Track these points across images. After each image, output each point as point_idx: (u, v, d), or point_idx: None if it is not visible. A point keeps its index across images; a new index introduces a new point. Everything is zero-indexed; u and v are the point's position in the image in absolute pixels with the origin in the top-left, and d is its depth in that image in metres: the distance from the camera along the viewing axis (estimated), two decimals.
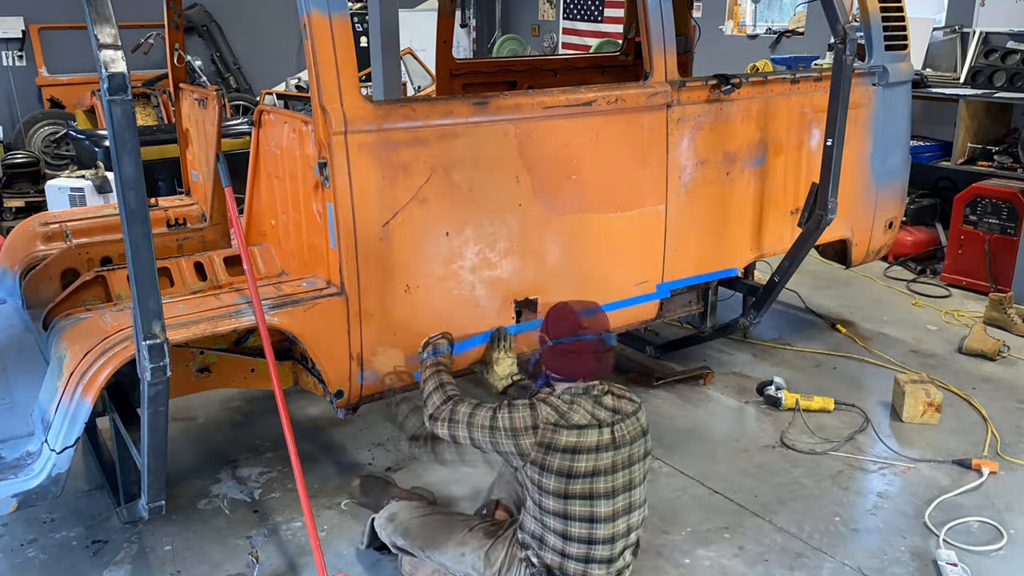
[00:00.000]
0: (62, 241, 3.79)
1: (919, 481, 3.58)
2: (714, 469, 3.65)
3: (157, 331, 2.36)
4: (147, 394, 2.45)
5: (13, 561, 3.07)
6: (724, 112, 3.88)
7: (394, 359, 3.18)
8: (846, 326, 5.16)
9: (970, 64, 6.65)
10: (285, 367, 3.29)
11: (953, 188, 6.27)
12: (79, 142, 7.27)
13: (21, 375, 3.11)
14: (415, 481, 3.55)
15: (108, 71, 2.12)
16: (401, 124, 3.01)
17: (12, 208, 7.24)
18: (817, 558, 3.11)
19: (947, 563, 2.99)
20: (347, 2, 2.88)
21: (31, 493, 2.59)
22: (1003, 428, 3.99)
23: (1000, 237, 5.60)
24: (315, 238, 3.19)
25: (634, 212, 3.69)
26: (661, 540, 3.20)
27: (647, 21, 3.58)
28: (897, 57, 4.54)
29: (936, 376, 4.40)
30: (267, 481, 3.56)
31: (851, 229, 4.63)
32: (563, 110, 3.39)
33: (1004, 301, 5.15)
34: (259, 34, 11.21)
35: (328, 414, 4.05)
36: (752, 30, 9.56)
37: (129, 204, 2.24)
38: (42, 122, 9.49)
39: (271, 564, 3.07)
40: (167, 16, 4.10)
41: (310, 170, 3.08)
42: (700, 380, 4.43)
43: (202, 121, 4.07)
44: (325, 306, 3.00)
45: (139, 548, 3.14)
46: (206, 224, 4.13)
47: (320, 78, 2.84)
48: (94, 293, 3.20)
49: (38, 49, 9.93)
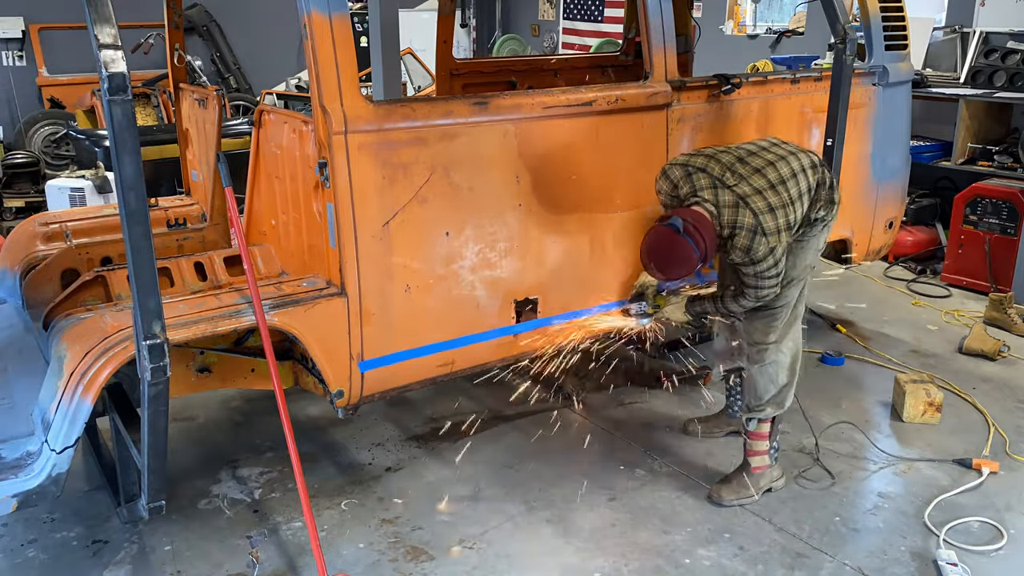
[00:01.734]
0: (62, 241, 3.79)
1: (919, 481, 3.58)
2: (714, 469, 3.64)
3: (157, 331, 2.37)
4: (147, 394, 2.45)
5: (13, 561, 3.07)
6: (724, 112, 3.88)
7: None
8: (846, 326, 5.16)
9: (970, 64, 6.65)
10: (285, 367, 3.28)
11: (953, 188, 6.27)
12: (79, 142, 7.27)
13: (21, 375, 3.11)
14: (415, 481, 3.55)
15: (108, 71, 2.12)
16: (401, 124, 3.01)
17: (12, 208, 7.25)
18: (817, 558, 3.11)
19: (947, 563, 2.99)
20: (347, 2, 2.88)
21: (31, 493, 2.59)
22: (1004, 428, 3.99)
23: (1000, 237, 5.60)
24: (315, 238, 3.19)
25: (634, 212, 3.69)
26: (661, 540, 3.20)
27: (647, 21, 3.58)
28: (897, 57, 4.54)
29: (936, 376, 4.39)
30: (267, 481, 3.56)
31: (851, 229, 4.63)
32: (563, 110, 3.39)
33: (1004, 301, 5.15)
34: (259, 34, 11.21)
35: (328, 414, 4.05)
36: (752, 30, 9.55)
37: (129, 204, 2.24)
38: (42, 122, 9.48)
39: (271, 564, 3.07)
40: (167, 16, 4.10)
41: (310, 170, 3.08)
42: (700, 380, 4.43)
43: (202, 121, 4.07)
44: (325, 306, 3.00)
45: (139, 548, 3.14)
46: (206, 224, 4.13)
47: (320, 78, 2.84)
48: (94, 293, 3.20)
49: (38, 49, 9.92)
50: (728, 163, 3.06)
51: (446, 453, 3.76)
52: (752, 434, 3.41)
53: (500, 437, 3.90)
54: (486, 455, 3.75)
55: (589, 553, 3.13)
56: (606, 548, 3.15)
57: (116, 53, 2.13)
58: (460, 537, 3.21)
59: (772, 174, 3.04)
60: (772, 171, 3.05)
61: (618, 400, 4.26)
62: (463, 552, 3.13)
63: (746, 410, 3.41)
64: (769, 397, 3.35)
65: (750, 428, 3.40)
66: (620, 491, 3.50)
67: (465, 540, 3.20)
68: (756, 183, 3.00)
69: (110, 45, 2.14)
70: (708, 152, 3.13)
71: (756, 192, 2.98)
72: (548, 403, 4.17)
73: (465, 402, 4.16)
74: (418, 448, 3.82)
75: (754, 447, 3.42)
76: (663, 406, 4.22)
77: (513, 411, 4.09)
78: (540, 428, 3.89)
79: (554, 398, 4.18)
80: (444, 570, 3.04)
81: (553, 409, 4.12)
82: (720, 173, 3.03)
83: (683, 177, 3.07)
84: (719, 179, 3.01)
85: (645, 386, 4.38)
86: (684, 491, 3.50)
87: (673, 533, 3.24)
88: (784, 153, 3.14)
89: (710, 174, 3.03)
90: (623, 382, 4.41)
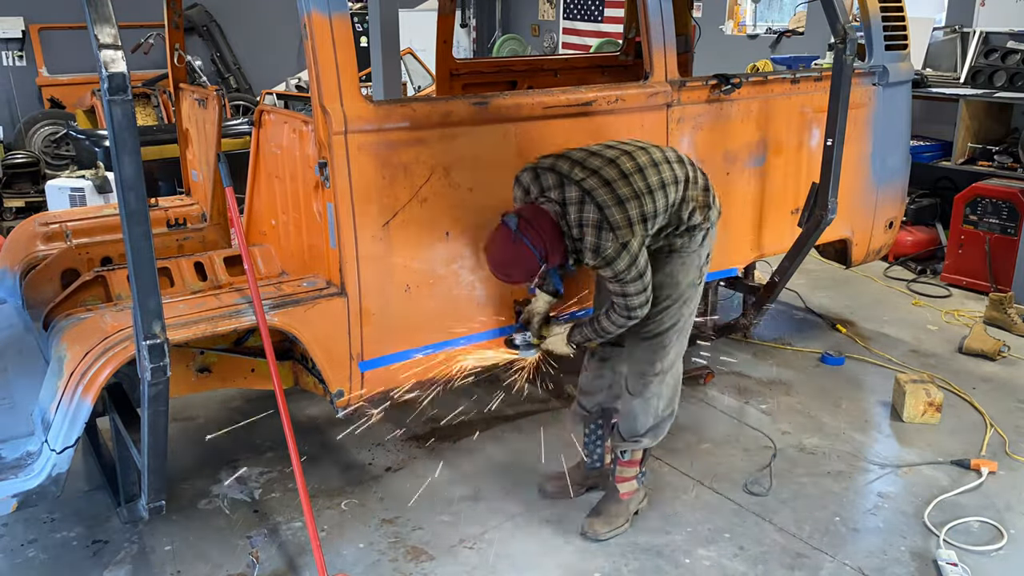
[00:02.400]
0: (62, 241, 3.79)
1: (919, 481, 3.58)
2: (714, 469, 3.65)
3: (157, 331, 2.36)
4: (147, 394, 2.45)
5: (13, 561, 3.07)
6: (724, 112, 3.88)
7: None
8: (846, 326, 5.16)
9: (970, 64, 6.65)
10: (285, 367, 3.28)
11: (953, 188, 6.27)
12: (79, 142, 7.27)
13: (21, 375, 3.11)
14: (415, 481, 3.55)
15: (108, 71, 2.12)
16: (401, 124, 3.01)
17: (12, 208, 7.25)
18: (817, 558, 3.11)
19: (947, 563, 2.99)
20: (347, 2, 2.88)
21: (31, 493, 2.59)
22: (1004, 428, 3.99)
23: (1000, 237, 5.60)
24: (315, 238, 3.19)
25: None
26: (661, 540, 3.20)
27: (647, 21, 3.58)
28: (897, 57, 4.54)
29: (936, 376, 4.39)
30: (267, 481, 3.56)
31: (851, 229, 4.63)
32: (563, 110, 3.39)
33: (1004, 301, 5.15)
34: (259, 34, 11.21)
35: (328, 414, 4.05)
36: (752, 30, 9.56)
37: (129, 204, 2.24)
38: (42, 122, 9.48)
39: (271, 564, 3.07)
40: (167, 16, 4.10)
41: (310, 170, 3.08)
42: (700, 380, 4.43)
43: (202, 121, 4.07)
44: (325, 306, 3.00)
45: (139, 548, 3.14)
46: (206, 224, 4.13)
47: (320, 78, 2.84)
48: (94, 293, 3.19)
49: (38, 49, 9.92)
50: (579, 159, 2.86)
51: (446, 453, 3.76)
52: (624, 462, 3.22)
53: (500, 437, 3.90)
54: (486, 455, 3.75)
55: (589, 553, 3.13)
56: (606, 548, 3.15)
57: (116, 53, 2.13)
58: (460, 537, 3.21)
59: (627, 163, 2.83)
60: (627, 160, 2.84)
61: None
62: (463, 552, 3.13)
63: (619, 439, 3.18)
64: (647, 429, 3.14)
65: (623, 458, 3.21)
66: None
67: (465, 540, 3.20)
68: (607, 174, 2.78)
69: (110, 45, 2.13)
70: (561, 152, 2.94)
71: (604, 184, 2.76)
72: (548, 403, 4.17)
73: (465, 402, 4.16)
74: (418, 448, 3.82)
75: (624, 474, 3.23)
76: None
77: (513, 411, 4.09)
78: (540, 428, 3.89)
79: (554, 398, 4.18)
80: (444, 570, 3.04)
81: (553, 409, 4.13)
82: (568, 170, 2.82)
83: (532, 180, 2.89)
84: (567, 175, 2.81)
85: None
86: (684, 491, 3.50)
87: (673, 533, 3.24)
88: (645, 145, 2.96)
89: (558, 172, 2.83)
90: None
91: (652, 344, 3.06)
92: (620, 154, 2.87)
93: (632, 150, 2.90)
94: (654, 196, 2.81)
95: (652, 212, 2.80)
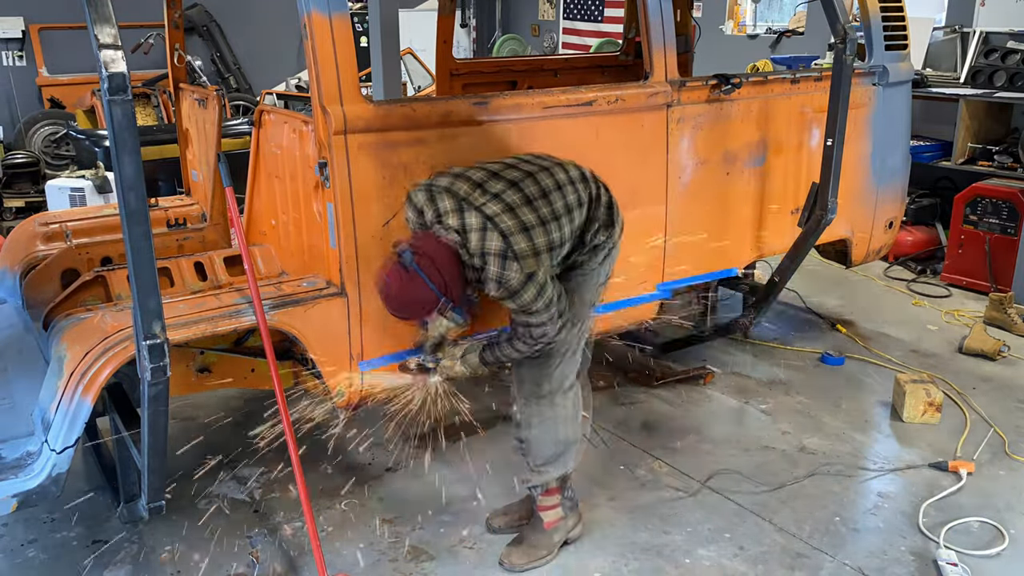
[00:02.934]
0: (62, 241, 3.79)
1: (919, 481, 3.58)
2: (714, 469, 3.64)
3: (157, 331, 2.36)
4: (147, 394, 2.45)
5: (13, 561, 3.07)
6: (724, 112, 3.88)
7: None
8: (846, 326, 5.16)
9: (970, 64, 6.65)
10: (285, 367, 3.28)
11: (953, 188, 6.26)
12: (79, 142, 7.27)
13: (21, 375, 3.11)
14: (415, 481, 3.55)
15: (108, 71, 2.12)
16: (401, 124, 3.01)
17: (12, 208, 7.25)
18: (817, 558, 3.11)
19: (947, 563, 2.99)
20: (347, 2, 2.88)
21: (31, 493, 2.59)
22: (1004, 428, 3.98)
23: (1000, 237, 5.60)
24: (315, 238, 3.19)
25: (634, 212, 3.68)
26: (661, 540, 3.20)
27: (647, 21, 3.58)
28: (897, 57, 4.54)
29: (936, 376, 4.39)
30: (267, 481, 3.56)
31: (851, 229, 4.63)
32: (563, 110, 3.39)
33: (1004, 301, 5.15)
34: (259, 34, 11.21)
35: (328, 414, 4.04)
36: (752, 30, 9.56)
37: (129, 204, 2.24)
38: (42, 122, 9.49)
39: (271, 564, 3.07)
40: (167, 16, 4.10)
41: (310, 170, 3.08)
42: (700, 380, 4.43)
43: (202, 121, 4.07)
44: (325, 306, 3.00)
45: (139, 548, 3.14)
46: (206, 224, 4.13)
47: (320, 78, 2.84)
48: (94, 293, 3.20)
49: (38, 49, 9.92)
50: (479, 180, 2.67)
51: (446, 453, 3.76)
52: (541, 494, 3.05)
53: (500, 437, 3.89)
54: (486, 455, 3.75)
55: (589, 553, 3.13)
56: (606, 548, 3.15)
57: (116, 53, 2.13)
58: (460, 537, 3.21)
59: (530, 187, 2.66)
60: (530, 183, 2.67)
61: (618, 400, 4.25)
62: (463, 552, 3.13)
63: (527, 470, 3.02)
64: (549, 458, 2.95)
65: (535, 492, 3.05)
66: (620, 491, 3.50)
67: (465, 540, 3.20)
68: (509, 198, 2.61)
69: (110, 45, 2.13)
70: (457, 171, 2.73)
71: (508, 210, 2.58)
72: None
73: (465, 402, 4.15)
74: (418, 448, 3.82)
75: (544, 503, 3.05)
76: (663, 406, 4.22)
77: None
78: None
79: None
80: (444, 570, 3.04)
81: None
82: (467, 193, 2.62)
83: (427, 201, 2.65)
84: (465, 199, 2.60)
85: (645, 386, 4.38)
86: (684, 491, 3.50)
87: (673, 533, 3.24)
88: (548, 164, 2.78)
89: (455, 194, 2.62)
90: (623, 381, 4.41)
91: (538, 363, 2.86)
92: (523, 176, 2.70)
93: (535, 171, 2.73)
94: (560, 223, 2.67)
95: (559, 240, 2.67)
